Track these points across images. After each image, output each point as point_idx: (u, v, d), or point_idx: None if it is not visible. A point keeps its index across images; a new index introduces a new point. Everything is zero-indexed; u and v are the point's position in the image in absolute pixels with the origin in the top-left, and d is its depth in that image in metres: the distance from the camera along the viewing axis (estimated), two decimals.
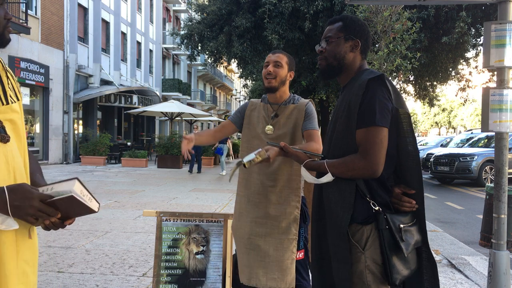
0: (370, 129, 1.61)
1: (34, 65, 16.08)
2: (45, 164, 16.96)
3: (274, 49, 12.29)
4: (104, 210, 7.18)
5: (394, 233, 1.62)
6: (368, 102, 1.62)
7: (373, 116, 1.60)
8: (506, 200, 2.96)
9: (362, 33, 1.80)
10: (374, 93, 1.63)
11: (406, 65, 6.08)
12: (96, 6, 21.09)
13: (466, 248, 5.29)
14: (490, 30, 2.87)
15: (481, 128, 3.06)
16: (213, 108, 43.69)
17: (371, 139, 1.60)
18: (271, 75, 2.38)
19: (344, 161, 1.65)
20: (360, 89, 1.66)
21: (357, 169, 1.62)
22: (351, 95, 1.69)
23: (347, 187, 1.67)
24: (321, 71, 1.85)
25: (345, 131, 1.68)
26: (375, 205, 1.66)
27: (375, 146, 1.60)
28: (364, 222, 1.66)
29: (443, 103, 64.48)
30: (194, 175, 14.01)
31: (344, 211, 1.66)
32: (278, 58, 2.40)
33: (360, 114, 1.63)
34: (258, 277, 2.36)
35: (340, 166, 1.66)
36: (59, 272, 3.98)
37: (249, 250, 2.40)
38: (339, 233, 1.67)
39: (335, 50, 1.79)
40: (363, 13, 6.08)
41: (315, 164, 1.74)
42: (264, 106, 2.49)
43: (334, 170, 1.67)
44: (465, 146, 15.27)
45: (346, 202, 1.66)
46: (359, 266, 1.65)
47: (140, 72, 27.27)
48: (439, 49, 12.50)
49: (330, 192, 1.72)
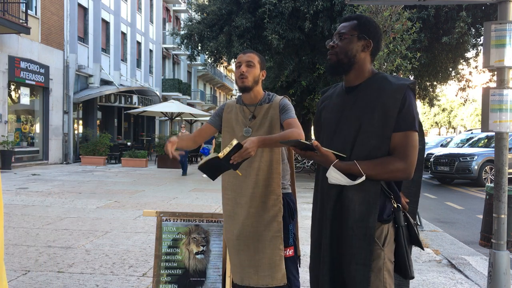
0: (409, 133, 1.66)
1: (34, 65, 16.08)
2: (45, 164, 16.96)
3: (274, 49, 12.30)
4: (104, 210, 7.18)
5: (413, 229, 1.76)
6: (408, 107, 1.67)
7: (413, 121, 1.67)
8: (506, 200, 2.96)
9: (375, 35, 1.81)
10: (412, 99, 1.70)
11: (406, 65, 6.09)
12: (96, 6, 21.09)
13: (466, 248, 5.29)
14: (490, 30, 2.87)
15: (481, 128, 3.06)
16: (213, 108, 43.70)
17: (411, 143, 1.66)
18: (243, 75, 2.38)
19: (382, 163, 1.66)
20: (398, 93, 1.68)
21: (395, 171, 1.65)
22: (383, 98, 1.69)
23: (371, 187, 1.68)
24: (330, 66, 1.84)
25: (377, 133, 1.68)
26: (394, 202, 1.74)
27: (413, 150, 1.67)
28: (385, 221, 1.71)
29: (443, 103, 64.46)
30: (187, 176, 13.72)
31: (370, 211, 1.67)
32: (249, 58, 2.40)
33: (400, 118, 1.66)
34: (250, 276, 2.39)
35: (377, 168, 1.66)
36: (59, 272, 3.98)
37: (238, 250, 2.42)
38: (364, 234, 1.67)
39: (347, 47, 1.78)
40: (363, 13, 6.08)
41: (345, 166, 1.69)
42: (240, 108, 2.49)
43: (369, 172, 1.66)
44: (465, 146, 15.27)
45: (371, 202, 1.67)
46: (378, 263, 1.68)
47: (140, 72, 27.27)
48: (439, 49, 12.50)
49: (354, 193, 1.70)
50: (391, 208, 1.73)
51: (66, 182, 11.26)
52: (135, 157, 17.05)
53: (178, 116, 19.13)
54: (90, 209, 7.29)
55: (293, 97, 15.10)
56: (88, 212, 6.97)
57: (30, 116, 17.14)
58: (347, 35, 1.78)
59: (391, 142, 1.68)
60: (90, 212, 6.97)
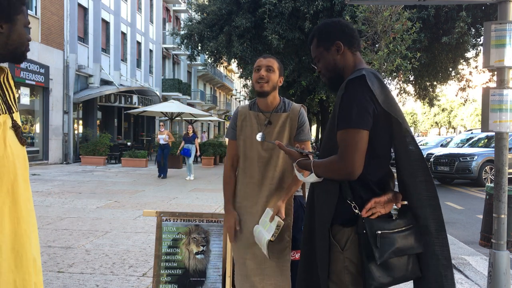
0: (346, 131, 1.60)
1: (34, 65, 16.08)
2: (45, 164, 16.96)
3: (274, 49, 12.30)
4: (104, 210, 7.18)
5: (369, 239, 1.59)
6: (345, 104, 1.62)
7: (349, 118, 1.59)
8: (506, 200, 2.96)
9: (337, 33, 1.79)
10: (352, 94, 1.62)
11: (406, 65, 6.09)
12: (96, 6, 21.09)
13: (466, 248, 5.29)
14: (490, 30, 2.86)
15: (481, 128, 3.06)
16: (213, 108, 43.69)
17: (346, 141, 1.59)
18: (263, 79, 2.34)
19: (325, 162, 1.67)
20: (341, 91, 1.66)
21: (335, 170, 1.63)
22: (337, 96, 1.71)
23: (332, 188, 1.70)
24: (328, 86, 1.90)
25: (330, 132, 1.71)
26: (356, 208, 1.65)
27: (350, 148, 1.58)
28: (345, 224, 1.67)
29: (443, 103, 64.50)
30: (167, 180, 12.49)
31: (328, 211, 1.70)
32: (269, 63, 2.38)
33: (339, 116, 1.63)
34: (254, 285, 2.37)
35: (322, 167, 1.68)
36: (59, 272, 3.98)
37: (245, 260, 2.41)
38: (322, 231, 1.71)
39: (326, 64, 1.82)
40: (363, 13, 6.09)
41: (305, 163, 1.75)
42: (254, 115, 2.44)
43: (317, 170, 1.69)
44: (465, 146, 15.27)
45: (330, 202, 1.69)
46: (338, 265, 1.67)
47: (140, 72, 27.27)
48: (439, 49, 12.50)
49: (319, 192, 1.77)
50: (349, 211, 1.66)
51: (66, 182, 11.26)
52: (135, 157, 17.05)
53: (178, 116, 19.12)
54: (90, 209, 7.29)
55: (293, 97, 15.10)
56: (88, 212, 6.97)
57: (30, 116, 17.14)
58: (318, 57, 1.83)
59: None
60: (90, 212, 6.97)
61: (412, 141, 1.68)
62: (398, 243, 1.62)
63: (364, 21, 6.12)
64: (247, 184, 2.42)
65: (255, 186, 2.40)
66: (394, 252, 1.61)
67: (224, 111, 50.04)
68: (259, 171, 2.38)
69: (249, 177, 2.41)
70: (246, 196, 2.44)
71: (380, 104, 1.62)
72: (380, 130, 1.65)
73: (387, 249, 1.59)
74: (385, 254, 1.58)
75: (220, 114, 48.34)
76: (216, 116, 42.98)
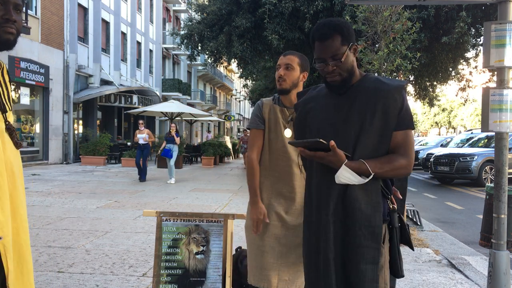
0: (408, 132, 1.73)
1: (34, 65, 16.08)
2: (45, 164, 16.96)
3: (274, 49, 12.29)
4: (104, 210, 7.18)
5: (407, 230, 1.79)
6: (406, 107, 1.74)
7: (411, 120, 1.75)
8: (506, 200, 2.96)
9: (354, 35, 1.81)
10: (406, 99, 1.76)
11: (406, 65, 6.08)
12: (96, 6, 21.09)
13: (466, 248, 5.29)
14: (490, 30, 2.87)
15: (481, 128, 3.06)
16: (213, 108, 43.68)
17: (410, 140, 1.74)
18: (282, 78, 2.37)
19: (388, 161, 1.70)
20: (397, 94, 1.73)
21: (400, 168, 1.71)
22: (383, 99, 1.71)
23: (373, 187, 1.71)
24: (337, 86, 1.80)
25: (378, 132, 1.72)
26: (391, 203, 1.78)
27: (412, 147, 1.75)
28: (384, 220, 1.75)
29: (443, 103, 64.45)
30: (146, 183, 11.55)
31: (375, 210, 1.70)
32: (289, 60, 2.39)
33: (400, 117, 1.72)
34: (269, 279, 2.35)
35: (384, 166, 1.69)
36: (59, 272, 3.98)
37: (262, 252, 2.38)
38: (372, 233, 1.69)
39: (347, 64, 1.76)
40: (363, 13, 6.08)
41: (354, 165, 1.68)
42: (280, 109, 2.45)
43: (377, 170, 1.68)
44: (465, 146, 15.27)
45: (374, 201, 1.71)
46: (381, 261, 1.72)
47: (140, 72, 27.27)
48: (439, 49, 12.49)
49: (358, 193, 1.70)
50: (387, 208, 1.77)
51: (66, 182, 11.25)
52: (135, 157, 17.02)
53: (178, 116, 19.13)
54: (90, 209, 7.29)
55: None
56: (88, 212, 6.96)
57: (30, 116, 17.14)
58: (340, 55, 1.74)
59: (392, 140, 1.72)
60: (90, 212, 6.97)
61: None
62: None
63: (364, 21, 6.12)
64: (268, 177, 2.41)
65: (277, 180, 2.39)
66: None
67: (224, 111, 50.04)
68: (284, 166, 2.38)
69: (272, 170, 2.40)
70: (267, 189, 2.42)
71: None
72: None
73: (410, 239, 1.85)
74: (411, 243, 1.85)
75: (220, 114, 48.33)
76: (216, 116, 42.98)
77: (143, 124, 12.83)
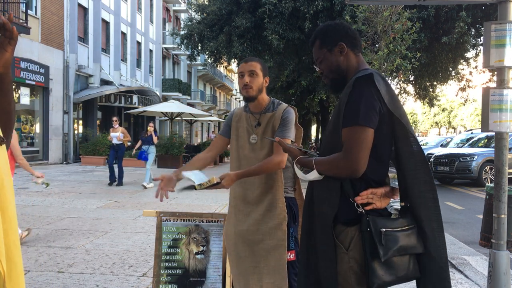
0: (353, 128, 1.60)
1: (34, 65, 16.07)
2: (45, 164, 16.96)
3: (274, 49, 12.30)
4: (104, 210, 7.18)
5: (373, 236, 1.58)
6: (353, 101, 1.61)
7: (356, 115, 1.59)
8: (506, 200, 2.96)
9: (339, 34, 1.80)
10: (360, 92, 1.62)
11: (406, 65, 6.09)
12: (96, 6, 21.09)
13: (466, 248, 5.29)
14: (490, 30, 2.86)
15: (481, 128, 3.06)
16: (213, 108, 43.69)
17: (353, 138, 1.59)
18: (247, 86, 2.38)
19: (328, 159, 1.67)
20: (348, 88, 1.66)
21: (339, 168, 1.62)
22: (342, 94, 1.71)
23: (333, 186, 1.69)
24: (330, 87, 1.91)
25: (334, 130, 1.70)
26: (359, 206, 1.65)
27: (356, 146, 1.58)
28: (348, 223, 1.66)
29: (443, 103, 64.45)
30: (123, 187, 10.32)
31: (330, 210, 1.68)
32: (252, 67, 2.39)
33: (345, 113, 1.62)
34: (253, 283, 2.39)
35: (325, 164, 1.67)
36: (59, 272, 3.98)
37: (241, 257, 2.43)
38: (325, 231, 1.68)
39: (328, 66, 1.82)
40: (363, 13, 6.09)
41: (305, 161, 1.76)
42: (246, 116, 2.50)
43: (319, 168, 1.68)
44: (465, 146, 15.26)
45: (332, 201, 1.68)
46: (343, 266, 1.66)
47: (140, 72, 27.26)
48: (439, 49, 12.49)
49: (319, 191, 1.74)
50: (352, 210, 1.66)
51: (66, 182, 11.25)
52: (135, 157, 17.00)
53: (178, 116, 19.13)
54: (90, 209, 7.29)
55: (293, 97, 15.10)
56: (88, 212, 6.97)
57: (30, 116, 17.14)
58: (320, 58, 1.84)
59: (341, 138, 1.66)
60: (90, 212, 6.97)
61: (415, 142, 1.69)
62: (401, 241, 1.62)
63: (364, 21, 6.12)
64: (239, 183, 2.43)
65: (246, 186, 2.43)
66: (398, 250, 1.61)
67: (224, 111, 50.04)
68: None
69: None
70: (238, 195, 2.47)
71: (385, 103, 1.64)
72: (384, 129, 1.66)
73: (391, 246, 1.59)
74: (389, 251, 1.59)
75: (220, 114, 48.34)
76: (216, 116, 42.97)
77: (117, 121, 11.23)
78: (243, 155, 2.45)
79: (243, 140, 2.48)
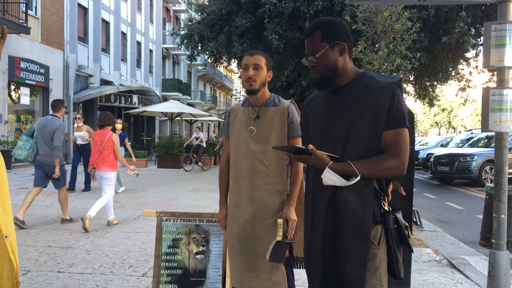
0: (400, 130, 1.67)
1: (34, 65, 16.07)
2: None
3: (275, 49, 12.29)
4: (104, 210, 7.17)
5: (403, 232, 1.74)
6: (397, 104, 1.68)
7: (403, 118, 1.68)
8: (506, 200, 2.96)
9: (344, 34, 1.78)
10: (400, 96, 1.70)
11: (406, 65, 6.08)
12: (96, 6, 21.09)
13: (466, 248, 5.29)
14: (490, 30, 2.87)
15: (481, 128, 3.06)
16: (213, 108, 43.69)
17: (402, 140, 1.67)
18: (251, 79, 2.38)
19: (375, 162, 1.67)
20: (386, 92, 1.67)
21: (389, 169, 1.67)
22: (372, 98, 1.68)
23: (365, 187, 1.68)
24: (317, 83, 1.83)
25: (367, 132, 1.68)
26: (385, 204, 1.74)
27: (405, 147, 1.68)
28: (376, 221, 1.72)
29: (443, 103, 64.40)
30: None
31: (365, 211, 1.67)
32: (256, 60, 2.39)
33: (390, 116, 1.66)
34: (250, 279, 2.40)
35: (371, 167, 1.66)
36: (59, 272, 3.98)
37: (238, 254, 2.43)
38: (360, 234, 1.67)
39: (325, 61, 1.77)
40: (363, 13, 6.08)
41: (340, 166, 1.69)
42: (244, 110, 2.50)
43: (363, 171, 1.66)
44: (465, 146, 15.27)
45: (366, 202, 1.68)
46: (375, 262, 1.69)
47: (140, 72, 27.27)
48: (439, 49, 12.49)
49: (348, 194, 1.69)
50: (380, 208, 1.74)
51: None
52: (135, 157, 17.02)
53: (178, 116, 19.13)
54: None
55: (293, 97, 15.08)
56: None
57: (30, 116, 17.14)
58: (318, 51, 1.77)
59: (382, 140, 1.68)
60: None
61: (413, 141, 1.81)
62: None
63: (364, 21, 6.12)
64: (236, 178, 2.45)
65: (244, 180, 2.43)
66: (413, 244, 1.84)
67: (224, 111, 50.03)
68: (248, 165, 2.41)
69: (239, 171, 2.45)
70: (235, 190, 2.47)
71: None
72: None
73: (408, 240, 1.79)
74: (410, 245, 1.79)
75: (220, 114, 48.34)
76: (216, 116, 42.99)
77: (81, 119, 9.86)
78: (240, 148, 2.46)
79: (240, 134, 2.48)
